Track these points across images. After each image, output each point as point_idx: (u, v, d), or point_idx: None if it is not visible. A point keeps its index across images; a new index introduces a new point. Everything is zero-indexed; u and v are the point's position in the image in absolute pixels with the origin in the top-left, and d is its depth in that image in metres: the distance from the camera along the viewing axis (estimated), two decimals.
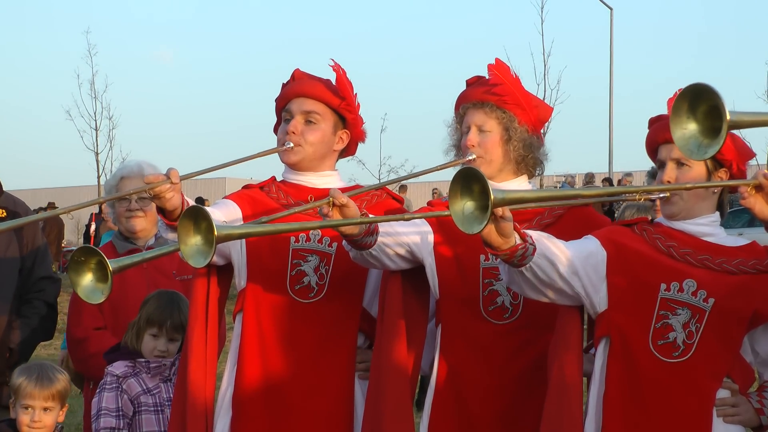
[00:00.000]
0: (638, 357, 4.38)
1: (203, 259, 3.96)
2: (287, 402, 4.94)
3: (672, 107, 3.46)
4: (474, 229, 3.67)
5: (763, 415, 4.44)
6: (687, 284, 4.37)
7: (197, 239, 3.97)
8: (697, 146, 3.42)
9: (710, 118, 3.38)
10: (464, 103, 4.91)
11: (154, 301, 5.70)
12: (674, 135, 3.45)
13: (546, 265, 4.23)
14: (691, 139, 3.43)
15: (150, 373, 5.61)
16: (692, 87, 3.41)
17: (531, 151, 4.88)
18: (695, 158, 3.62)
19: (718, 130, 3.33)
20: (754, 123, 3.48)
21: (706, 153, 3.42)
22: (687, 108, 3.42)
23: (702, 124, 3.40)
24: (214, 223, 3.89)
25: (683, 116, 3.43)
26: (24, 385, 5.25)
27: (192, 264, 4.02)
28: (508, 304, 4.74)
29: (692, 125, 3.42)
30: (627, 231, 4.55)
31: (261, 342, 4.98)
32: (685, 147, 3.45)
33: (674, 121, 3.44)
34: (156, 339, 5.64)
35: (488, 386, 4.73)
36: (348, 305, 5.02)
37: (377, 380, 4.76)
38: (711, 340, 4.36)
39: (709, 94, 3.36)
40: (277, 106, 5.18)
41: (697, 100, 3.40)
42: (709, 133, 3.39)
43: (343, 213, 4.31)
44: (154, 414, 5.57)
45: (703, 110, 3.39)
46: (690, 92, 3.41)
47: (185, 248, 3.99)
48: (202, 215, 3.96)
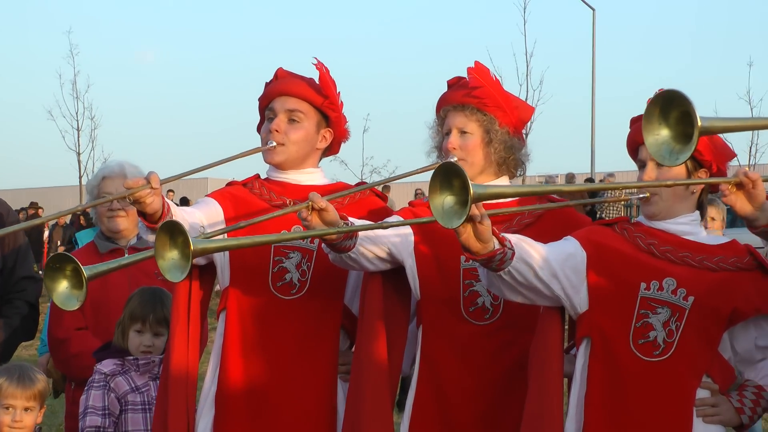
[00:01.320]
0: (619, 357, 4.37)
1: (180, 273, 4.01)
2: (270, 400, 4.94)
3: (644, 113, 3.47)
4: (453, 224, 3.66)
5: (743, 414, 4.44)
6: (667, 283, 4.37)
7: (174, 254, 4.02)
8: (669, 152, 3.42)
9: (682, 124, 3.38)
10: (445, 105, 4.91)
11: (137, 297, 5.72)
12: (646, 141, 3.46)
13: (524, 268, 4.21)
14: (663, 144, 3.43)
15: (139, 370, 5.61)
16: (664, 93, 3.41)
17: (512, 153, 4.88)
18: (667, 164, 3.62)
19: (690, 135, 3.34)
20: (726, 129, 3.50)
21: (678, 159, 3.42)
22: (659, 114, 3.42)
23: (674, 129, 3.41)
24: (190, 238, 3.93)
25: (655, 122, 3.44)
26: (5, 385, 5.22)
27: (169, 278, 4.05)
28: (488, 305, 4.74)
29: (664, 131, 3.42)
30: (607, 230, 4.55)
31: (244, 340, 4.98)
32: (657, 153, 3.46)
33: (646, 128, 3.45)
34: (141, 335, 5.66)
35: (469, 387, 4.73)
36: (329, 302, 5.02)
37: (357, 381, 4.76)
38: (691, 338, 4.35)
39: (680, 100, 3.37)
40: (260, 105, 5.17)
41: (668, 107, 3.40)
42: (681, 139, 3.39)
43: (322, 217, 4.32)
44: (141, 413, 5.56)
45: (675, 116, 3.39)
46: (662, 98, 3.42)
47: (162, 263, 4.03)
48: (178, 230, 3.98)
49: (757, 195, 3.95)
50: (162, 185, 4.57)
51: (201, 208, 5.03)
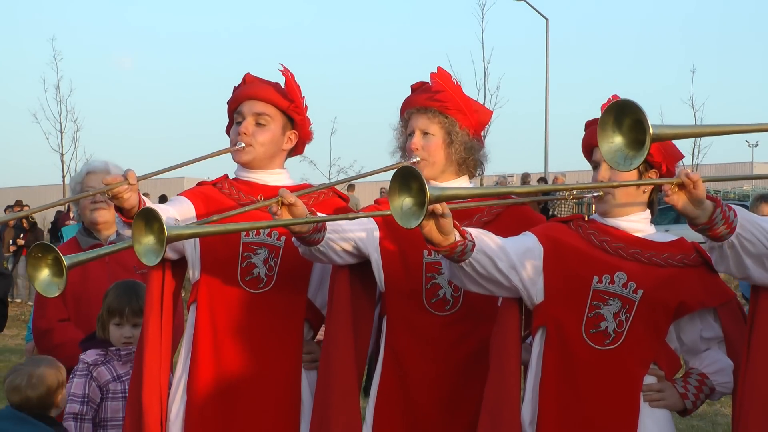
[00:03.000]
0: (572, 345, 4.40)
1: (155, 257, 4.02)
2: (238, 387, 4.95)
3: (599, 122, 3.48)
4: (412, 224, 3.69)
5: (687, 399, 4.48)
6: (618, 276, 4.40)
7: (150, 239, 4.03)
8: (623, 158, 3.44)
9: (635, 131, 3.40)
10: (409, 108, 4.92)
11: (113, 291, 5.72)
12: (602, 148, 3.48)
13: (485, 260, 4.23)
14: (618, 151, 3.45)
15: (121, 360, 5.62)
16: (617, 103, 3.43)
17: (472, 154, 4.90)
18: (621, 169, 3.64)
19: (642, 142, 3.35)
20: (675, 136, 3.51)
21: (631, 164, 3.45)
22: (613, 122, 3.44)
23: (627, 137, 3.43)
24: (165, 224, 3.95)
25: (609, 130, 3.45)
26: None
27: (144, 262, 4.07)
28: (449, 296, 4.76)
29: (618, 138, 3.44)
30: (563, 227, 4.57)
31: (213, 331, 4.98)
32: (612, 159, 3.47)
33: (601, 135, 3.46)
34: (120, 327, 5.65)
35: (431, 374, 4.74)
36: (294, 296, 5.03)
37: (326, 369, 4.77)
38: (639, 329, 4.38)
39: (633, 109, 3.38)
40: (229, 108, 5.18)
41: (622, 115, 3.42)
42: (634, 146, 3.41)
43: (291, 212, 4.33)
44: (122, 400, 5.55)
45: (628, 124, 3.42)
46: (615, 107, 3.43)
47: (138, 247, 4.05)
48: (153, 216, 4.00)
49: (698, 195, 3.96)
50: (138, 182, 4.57)
51: (174, 205, 5.04)
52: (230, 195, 5.07)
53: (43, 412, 5.31)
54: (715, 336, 4.57)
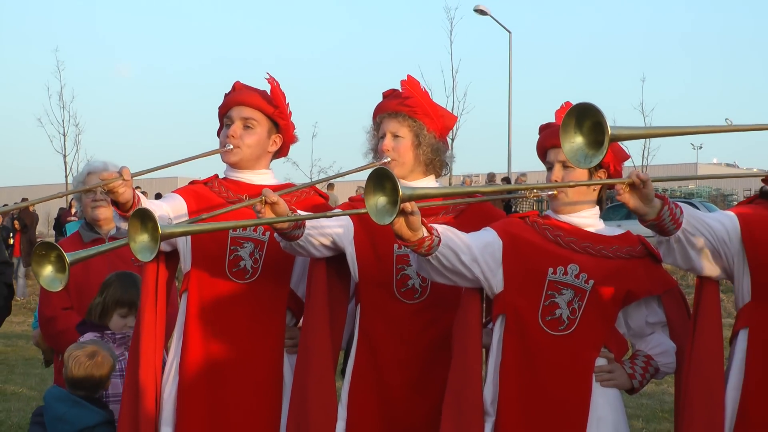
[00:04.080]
0: (529, 331, 4.40)
1: (150, 254, 4.02)
2: (225, 370, 4.95)
3: (561, 123, 3.48)
4: (385, 221, 3.69)
5: (634, 379, 4.51)
6: (571, 268, 4.41)
7: (144, 237, 4.01)
8: (584, 157, 3.44)
9: (594, 133, 3.39)
10: (381, 113, 4.91)
11: (119, 283, 5.71)
12: (564, 148, 3.47)
13: (450, 254, 4.24)
14: (579, 151, 3.45)
15: (116, 343, 5.58)
16: (579, 106, 3.42)
17: (438, 155, 4.90)
18: (582, 167, 3.65)
19: (601, 142, 3.35)
20: (631, 136, 3.51)
21: (591, 162, 3.45)
22: (574, 124, 3.44)
23: (587, 137, 3.42)
24: (159, 223, 3.94)
25: (571, 131, 3.44)
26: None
27: (140, 258, 4.06)
28: (417, 286, 4.76)
29: (579, 139, 3.44)
30: (520, 223, 4.58)
31: (203, 318, 4.98)
32: (573, 158, 3.47)
33: (563, 136, 3.46)
34: (125, 318, 5.66)
35: (401, 357, 4.75)
36: (278, 286, 5.03)
37: (304, 353, 4.78)
38: (591, 315, 4.40)
39: (593, 112, 3.38)
40: (220, 113, 5.18)
41: (583, 117, 3.42)
42: (593, 146, 3.41)
43: (274, 210, 4.33)
44: (121, 378, 5.48)
45: (588, 126, 3.41)
46: (577, 110, 3.43)
47: (134, 245, 4.04)
48: (148, 216, 3.99)
49: (647, 194, 3.97)
50: (133, 178, 4.56)
51: (168, 201, 5.04)
52: (219, 193, 5.07)
53: (93, 394, 5.28)
54: (659, 321, 4.59)
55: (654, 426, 10.02)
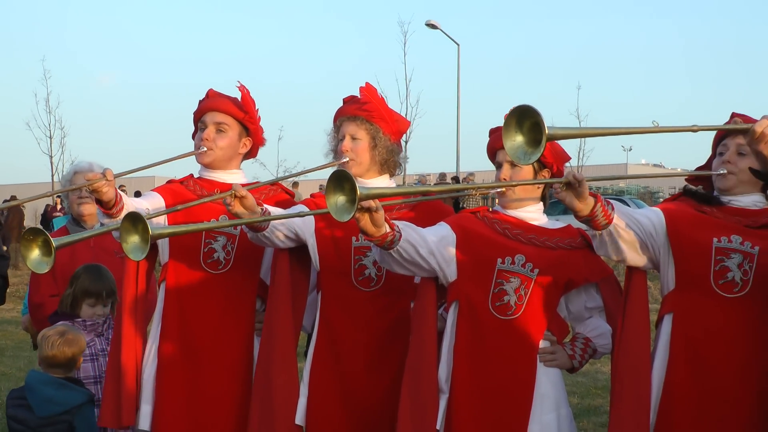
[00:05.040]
0: (480, 316, 4.40)
1: (141, 253, 4.00)
2: (200, 352, 4.95)
3: (503, 124, 3.47)
4: (345, 218, 3.68)
5: (574, 359, 4.52)
6: (518, 258, 4.41)
7: (136, 238, 3.99)
8: (524, 154, 3.42)
9: (533, 132, 3.38)
10: (341, 116, 4.90)
11: (87, 275, 5.68)
12: (505, 146, 3.46)
13: (409, 247, 4.25)
14: (519, 148, 3.43)
15: (86, 329, 5.53)
16: (519, 107, 3.41)
17: (392, 156, 4.90)
18: (522, 164, 3.66)
19: (539, 141, 3.35)
20: (566, 136, 3.51)
21: (530, 159, 3.43)
22: (515, 124, 3.42)
23: (527, 136, 3.41)
24: (149, 225, 3.92)
25: (512, 130, 3.43)
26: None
27: (132, 258, 4.05)
28: (373, 275, 4.75)
29: (519, 137, 3.42)
30: (472, 217, 4.59)
31: (180, 305, 4.97)
32: (514, 155, 3.46)
33: (505, 135, 3.45)
34: (93, 307, 5.63)
35: (358, 340, 4.74)
36: (248, 276, 5.03)
37: (268, 336, 4.78)
38: (536, 301, 4.41)
39: (532, 113, 3.37)
40: (195, 118, 5.17)
41: (523, 118, 3.41)
42: (532, 144, 3.40)
43: (242, 203, 4.34)
44: (90, 362, 5.50)
45: (528, 126, 3.39)
46: (517, 111, 3.42)
47: (126, 245, 4.02)
48: (139, 220, 3.97)
49: (582, 192, 3.99)
50: (115, 179, 4.55)
51: (147, 198, 5.05)
52: (194, 191, 5.06)
53: (69, 372, 5.22)
54: (596, 306, 4.61)
55: (588, 401, 10.06)
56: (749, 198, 4.32)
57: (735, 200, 4.33)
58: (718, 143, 4.38)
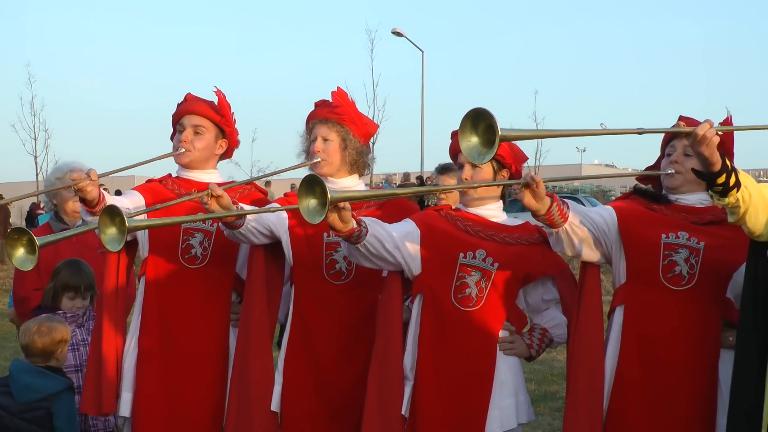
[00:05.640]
0: (443, 307, 4.41)
1: (118, 245, 3.99)
2: (179, 342, 4.94)
3: (459, 126, 3.47)
4: (316, 220, 3.68)
5: (532, 348, 4.53)
6: (479, 253, 4.42)
7: (113, 230, 3.98)
8: (479, 154, 3.42)
9: (487, 133, 3.38)
10: (313, 119, 4.90)
11: (67, 270, 5.67)
12: (462, 146, 3.46)
13: (375, 242, 4.25)
14: (474, 149, 3.43)
15: (67, 321, 5.51)
16: (474, 110, 3.41)
17: (362, 157, 4.90)
18: (477, 162, 3.65)
19: (493, 142, 3.35)
20: (519, 137, 3.52)
21: (484, 159, 3.42)
22: (470, 125, 3.42)
23: (482, 137, 3.41)
24: (125, 218, 3.91)
25: (468, 132, 3.43)
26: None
27: (109, 248, 4.03)
28: (344, 269, 4.75)
29: (474, 138, 3.42)
30: (436, 215, 4.59)
31: (159, 299, 4.96)
32: (469, 155, 3.46)
33: (461, 136, 3.45)
34: (72, 300, 5.63)
35: (329, 330, 4.74)
36: (224, 270, 5.04)
37: (245, 327, 4.78)
38: (495, 294, 4.42)
39: (486, 115, 3.37)
40: (173, 121, 5.16)
41: (477, 120, 3.40)
42: (486, 144, 3.39)
43: (218, 202, 4.34)
44: (71, 352, 5.47)
45: (482, 128, 3.39)
46: (472, 114, 3.42)
47: (104, 237, 4.01)
48: (116, 212, 3.96)
49: (540, 193, 4.00)
50: (99, 179, 4.56)
51: (128, 197, 5.04)
52: (172, 190, 5.06)
53: (47, 361, 5.17)
54: (553, 298, 4.62)
55: (545, 387, 10.09)
56: (695, 196, 4.35)
57: (682, 198, 4.36)
58: (666, 145, 4.41)
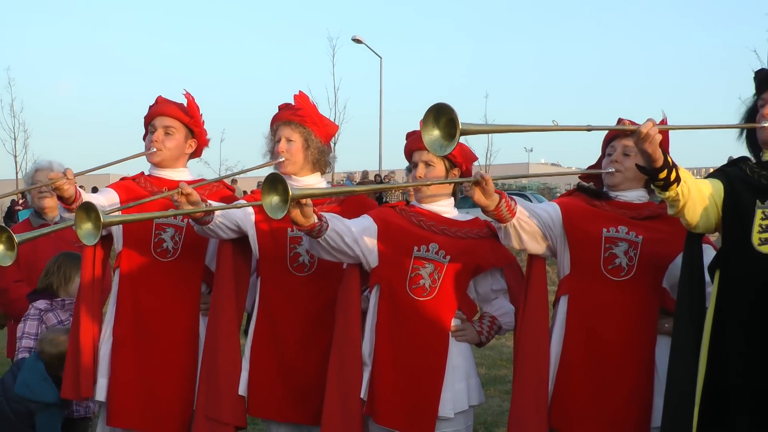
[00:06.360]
0: (399, 298, 4.41)
1: (93, 239, 3.94)
2: (151, 331, 4.92)
3: (423, 119, 3.46)
4: (278, 216, 3.66)
5: (482, 335, 4.53)
6: (432, 246, 4.42)
7: (89, 225, 3.94)
8: (440, 146, 3.41)
9: (448, 127, 3.37)
10: (277, 121, 4.89)
11: (69, 256, 5.70)
12: (424, 139, 3.44)
13: (336, 237, 4.24)
14: (436, 141, 3.42)
15: (64, 308, 5.53)
16: (436, 105, 3.40)
17: (323, 156, 4.89)
18: (439, 154, 3.62)
19: (454, 135, 3.35)
20: (478, 131, 3.50)
21: (445, 151, 3.41)
22: (432, 119, 3.40)
23: (443, 131, 3.40)
24: (101, 213, 3.88)
25: (430, 125, 3.42)
26: None
27: (85, 242, 3.96)
28: (307, 262, 4.74)
29: (436, 132, 3.41)
30: (392, 211, 4.59)
31: (133, 290, 4.94)
32: (431, 147, 3.45)
33: (424, 130, 3.44)
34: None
35: (293, 319, 4.73)
36: (194, 263, 5.02)
37: (214, 316, 4.78)
38: (448, 284, 4.42)
39: (447, 110, 3.37)
40: (145, 122, 5.13)
41: (439, 115, 3.40)
42: (447, 138, 3.39)
43: (188, 199, 4.33)
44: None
45: (444, 121, 3.38)
46: (435, 109, 3.41)
47: (80, 231, 3.96)
48: (92, 208, 3.93)
49: (489, 191, 4.01)
50: (75, 177, 4.55)
51: (103, 194, 5.00)
52: (145, 187, 5.03)
53: (57, 372, 5.18)
54: (501, 288, 4.63)
55: (495, 372, 10.13)
56: (634, 193, 4.38)
57: (621, 195, 4.38)
58: (606, 145, 4.44)
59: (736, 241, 3.79)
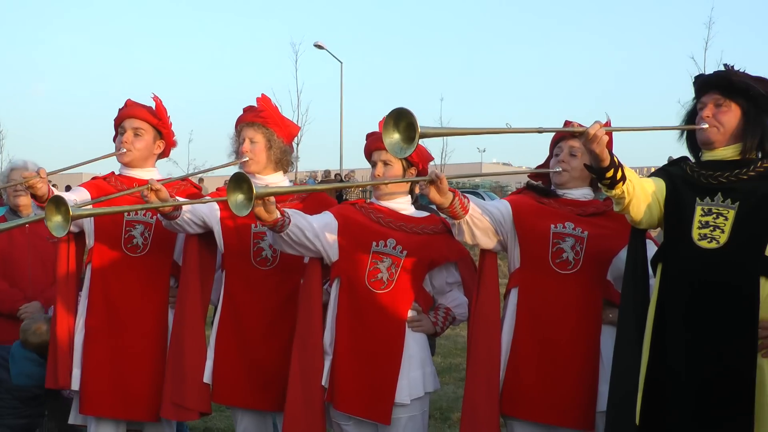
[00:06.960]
0: (358, 290, 4.41)
1: (63, 231, 3.93)
2: (122, 323, 4.90)
3: (383, 123, 3.46)
4: (243, 213, 3.68)
5: (437, 326, 4.54)
6: (389, 242, 4.43)
7: (58, 218, 3.93)
8: (400, 149, 3.42)
9: (407, 131, 3.38)
10: (241, 123, 4.88)
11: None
12: (385, 142, 3.45)
13: (297, 231, 4.25)
14: (396, 144, 3.43)
15: None
16: (396, 110, 3.41)
17: (285, 156, 4.89)
18: (399, 157, 3.64)
19: (413, 138, 3.35)
20: (435, 134, 3.51)
21: (405, 153, 3.42)
22: (392, 124, 3.42)
23: (403, 134, 3.41)
24: (69, 206, 3.87)
25: (390, 129, 3.43)
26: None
27: (55, 234, 3.96)
28: (269, 256, 4.74)
29: (396, 135, 3.42)
30: (352, 207, 4.59)
31: (104, 284, 4.91)
32: (392, 150, 3.46)
33: (384, 133, 3.44)
34: None
35: (257, 311, 4.72)
36: (163, 258, 5.00)
37: (181, 308, 4.78)
38: (405, 278, 4.43)
39: (407, 114, 3.38)
40: (115, 124, 5.10)
41: (399, 119, 3.41)
42: (407, 141, 3.40)
43: (157, 195, 4.31)
44: None
45: (404, 125, 3.39)
46: (395, 113, 3.42)
47: (50, 223, 3.95)
48: (62, 202, 3.92)
49: (443, 189, 4.01)
50: (48, 176, 4.54)
51: (75, 192, 4.97)
52: (115, 186, 5.00)
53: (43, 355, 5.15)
54: (455, 281, 4.65)
55: (450, 360, 10.15)
56: (580, 191, 4.41)
57: (568, 193, 4.41)
58: (554, 146, 4.46)
59: (677, 236, 3.83)
